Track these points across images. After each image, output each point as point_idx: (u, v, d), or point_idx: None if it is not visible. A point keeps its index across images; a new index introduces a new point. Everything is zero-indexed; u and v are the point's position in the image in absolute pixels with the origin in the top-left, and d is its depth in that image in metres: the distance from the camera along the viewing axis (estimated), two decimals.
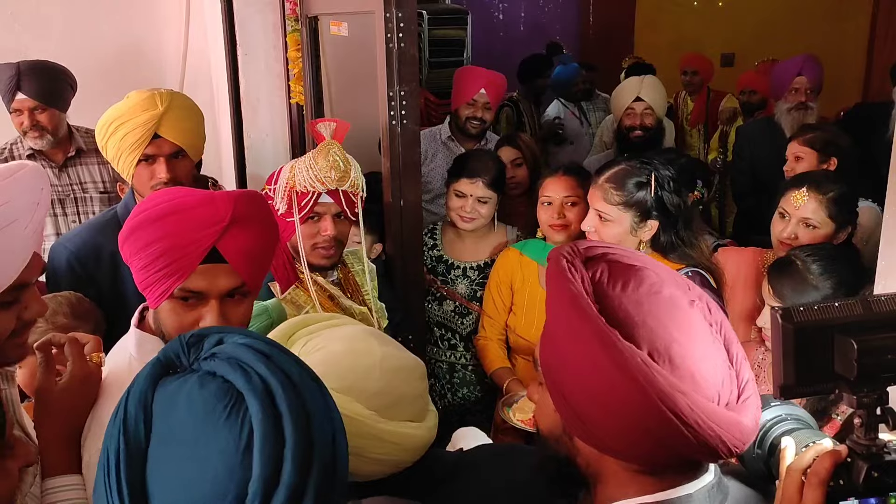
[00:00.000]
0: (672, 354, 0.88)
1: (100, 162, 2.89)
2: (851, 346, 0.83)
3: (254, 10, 3.11)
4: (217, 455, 0.77)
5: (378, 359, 1.16)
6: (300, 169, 1.96)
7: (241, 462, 0.77)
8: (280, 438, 0.79)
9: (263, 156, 3.26)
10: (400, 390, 1.16)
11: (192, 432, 0.78)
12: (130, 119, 1.96)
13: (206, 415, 0.79)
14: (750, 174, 3.86)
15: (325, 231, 1.98)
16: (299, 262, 2.04)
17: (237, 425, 0.78)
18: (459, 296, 2.76)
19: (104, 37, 3.21)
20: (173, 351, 0.86)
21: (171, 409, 0.80)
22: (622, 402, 0.86)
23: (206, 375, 0.82)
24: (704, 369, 0.89)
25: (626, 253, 1.00)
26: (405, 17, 2.26)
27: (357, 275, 2.18)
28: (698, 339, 0.91)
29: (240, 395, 0.80)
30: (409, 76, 2.31)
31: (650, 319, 0.90)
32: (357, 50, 2.99)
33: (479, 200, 2.65)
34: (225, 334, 0.88)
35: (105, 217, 2.14)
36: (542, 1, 7.73)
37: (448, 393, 2.84)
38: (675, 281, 0.97)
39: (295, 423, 0.80)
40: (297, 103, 3.14)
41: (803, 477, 0.92)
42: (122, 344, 1.43)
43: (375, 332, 1.25)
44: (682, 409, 0.84)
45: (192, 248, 1.29)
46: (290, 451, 0.79)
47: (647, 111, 3.51)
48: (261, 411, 0.79)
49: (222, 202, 1.31)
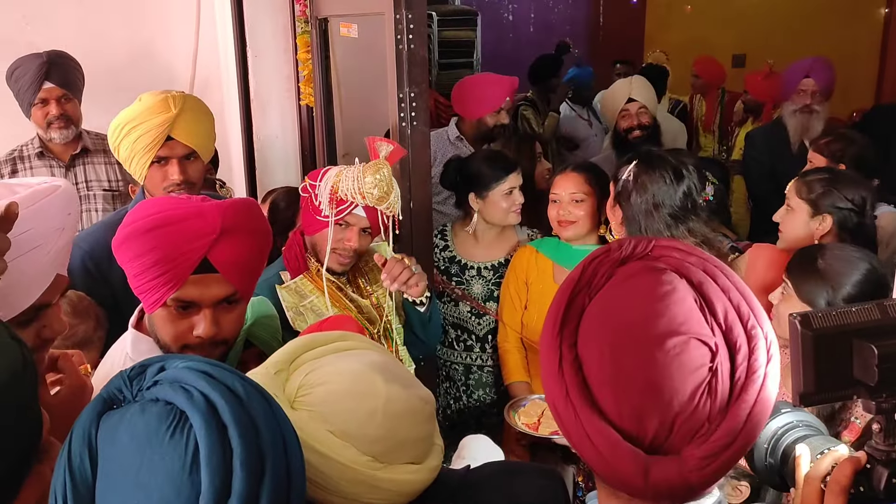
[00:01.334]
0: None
1: (106, 162, 2.91)
2: (872, 351, 0.81)
3: (264, 12, 3.11)
4: (162, 476, 0.77)
5: (382, 403, 1.09)
6: (346, 178, 1.99)
7: (189, 478, 0.77)
8: (227, 449, 0.79)
9: (273, 157, 3.26)
10: (402, 435, 1.11)
11: (135, 459, 0.78)
12: (144, 122, 1.98)
13: (148, 438, 0.78)
14: (758, 176, 3.84)
15: (349, 241, 2.03)
16: (310, 254, 2.09)
17: (181, 443, 0.78)
18: (473, 298, 2.75)
19: (115, 38, 3.22)
20: (115, 386, 0.85)
21: (113, 440, 0.80)
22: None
23: (148, 402, 0.82)
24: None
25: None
26: (415, 18, 2.26)
27: (370, 271, 2.20)
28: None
29: (182, 413, 0.80)
30: (419, 77, 2.30)
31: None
32: (366, 51, 2.99)
33: (520, 190, 2.69)
34: (167, 361, 0.88)
35: (117, 216, 2.14)
36: (552, 2, 7.72)
37: (463, 395, 2.83)
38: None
39: (241, 434, 0.79)
40: (307, 105, 3.14)
41: (823, 485, 0.91)
42: (120, 343, 1.45)
43: (385, 365, 1.17)
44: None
45: (183, 260, 1.30)
46: (239, 460, 0.78)
47: (641, 110, 3.53)
48: (204, 425, 0.78)
49: (211, 214, 1.32)
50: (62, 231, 1.17)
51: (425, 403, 1.17)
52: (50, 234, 1.14)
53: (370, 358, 1.16)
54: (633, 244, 0.91)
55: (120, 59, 3.21)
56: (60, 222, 1.17)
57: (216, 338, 1.36)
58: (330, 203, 1.99)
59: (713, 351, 0.82)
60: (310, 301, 2.06)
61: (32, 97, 2.71)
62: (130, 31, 3.26)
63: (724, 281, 0.87)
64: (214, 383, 0.83)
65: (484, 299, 2.75)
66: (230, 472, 0.78)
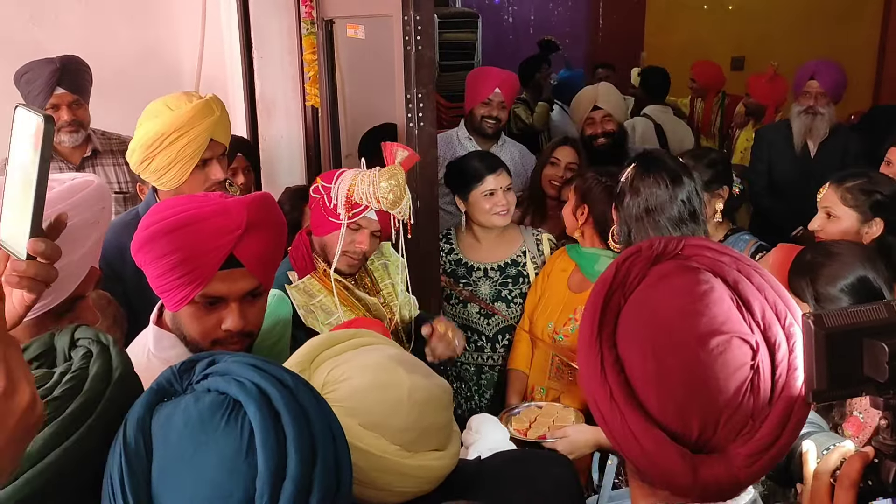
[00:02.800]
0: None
1: (115, 163, 2.93)
2: (883, 349, 0.84)
3: (270, 13, 3.13)
4: (216, 460, 0.79)
5: (406, 392, 1.13)
6: (362, 182, 2.03)
7: (245, 462, 0.79)
8: (281, 434, 0.81)
9: (278, 158, 3.28)
10: (427, 422, 1.15)
11: (190, 444, 0.80)
12: (193, 128, 2.01)
13: (203, 425, 0.81)
14: (766, 176, 3.87)
15: (360, 244, 2.07)
16: (317, 254, 2.12)
17: (236, 429, 0.81)
18: (481, 300, 2.77)
19: (122, 38, 3.24)
20: (165, 379, 0.88)
21: (168, 428, 0.82)
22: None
23: (201, 393, 0.85)
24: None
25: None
26: (423, 20, 2.28)
27: (376, 270, 2.24)
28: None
29: (236, 402, 0.82)
30: (426, 79, 2.33)
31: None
32: (372, 53, 3.01)
33: (507, 189, 2.69)
34: (216, 356, 0.90)
35: (128, 217, 2.17)
36: (552, 4, 7.74)
37: (475, 395, 2.84)
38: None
39: (294, 420, 0.82)
40: (313, 106, 3.16)
41: (832, 479, 0.93)
42: (141, 340, 1.46)
43: (402, 357, 1.22)
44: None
45: (210, 257, 1.32)
46: (293, 445, 0.81)
47: (606, 118, 3.59)
48: (258, 412, 0.81)
49: (237, 210, 1.34)
50: (96, 224, 1.20)
51: (444, 391, 1.21)
52: (85, 228, 1.17)
53: (388, 352, 1.21)
54: (664, 243, 0.93)
55: (126, 59, 3.23)
56: (94, 216, 1.20)
57: (244, 330, 1.39)
58: (346, 206, 2.02)
59: (754, 349, 0.83)
60: (318, 300, 2.09)
61: (44, 102, 2.71)
62: (137, 32, 3.28)
63: (759, 280, 0.88)
64: (265, 374, 0.85)
65: (492, 300, 2.77)
66: (285, 456, 0.80)
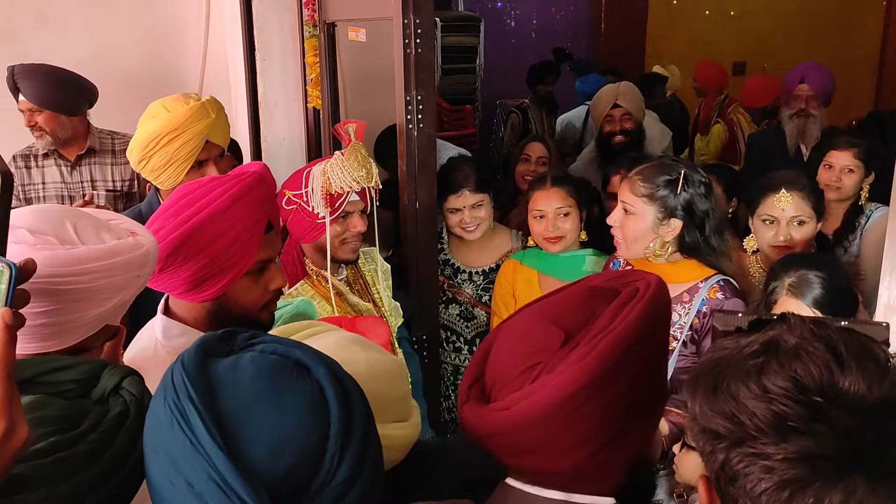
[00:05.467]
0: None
1: (112, 163, 2.97)
2: None
3: (272, 17, 3.16)
4: (298, 399, 0.82)
5: (364, 366, 1.18)
6: (334, 171, 2.01)
7: (321, 406, 0.83)
8: (346, 394, 0.86)
9: (280, 159, 3.31)
10: (386, 394, 1.20)
11: (268, 383, 0.82)
12: (187, 129, 2.06)
13: (276, 373, 0.83)
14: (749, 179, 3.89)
15: (355, 227, 2.07)
16: (309, 259, 2.12)
17: (308, 383, 0.84)
18: (468, 296, 2.80)
19: (126, 40, 3.27)
20: (210, 341, 0.89)
21: (236, 371, 0.83)
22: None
23: (262, 353, 0.87)
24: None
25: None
26: (423, 23, 2.31)
27: (368, 273, 2.25)
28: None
29: (300, 364, 0.86)
30: (425, 81, 2.35)
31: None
32: (373, 55, 3.04)
33: (472, 207, 2.65)
34: (255, 332, 0.92)
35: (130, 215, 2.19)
36: (554, 8, 7.78)
37: (452, 394, 2.88)
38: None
39: (351, 386, 0.88)
40: (314, 108, 3.18)
41: None
42: (148, 329, 1.49)
43: (356, 338, 1.28)
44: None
45: (257, 228, 1.40)
46: (358, 403, 0.86)
47: (625, 116, 3.64)
48: (327, 373, 0.85)
49: (266, 175, 1.44)
50: (123, 290, 1.13)
51: (399, 365, 1.29)
52: (109, 291, 1.10)
53: (343, 334, 1.28)
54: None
55: (131, 60, 3.26)
56: (126, 282, 1.12)
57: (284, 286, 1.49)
58: (325, 203, 2.01)
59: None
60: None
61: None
62: (141, 34, 3.31)
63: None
64: (313, 351, 0.90)
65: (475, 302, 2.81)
66: (350, 413, 0.85)
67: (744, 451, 0.70)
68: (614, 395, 0.96)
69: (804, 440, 0.67)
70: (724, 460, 0.72)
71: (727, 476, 0.72)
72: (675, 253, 2.10)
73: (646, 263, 2.11)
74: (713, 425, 0.73)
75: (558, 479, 1.02)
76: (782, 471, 0.67)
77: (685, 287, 2.08)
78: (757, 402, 0.70)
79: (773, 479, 0.68)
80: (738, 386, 0.72)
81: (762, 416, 0.69)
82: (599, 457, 0.98)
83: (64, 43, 3.02)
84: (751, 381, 0.71)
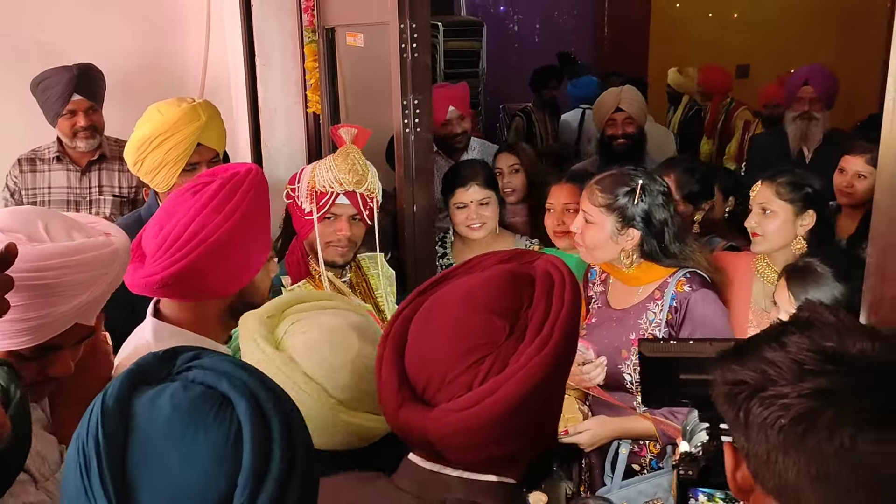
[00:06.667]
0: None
1: (120, 169, 2.98)
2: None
3: (272, 22, 3.18)
4: (205, 446, 0.78)
5: (352, 357, 1.23)
6: (321, 169, 2.06)
7: (232, 453, 0.78)
8: (268, 433, 0.80)
9: (280, 164, 3.32)
10: (366, 388, 1.22)
11: (179, 426, 0.78)
12: (177, 132, 2.08)
13: (192, 412, 0.79)
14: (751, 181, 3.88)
15: (339, 231, 2.09)
16: (313, 258, 2.14)
17: (225, 422, 0.79)
18: None
19: (127, 44, 3.28)
20: (147, 363, 0.87)
21: (153, 409, 0.80)
22: None
23: (189, 383, 0.83)
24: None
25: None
26: (419, 27, 2.32)
27: (372, 278, 2.26)
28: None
29: (225, 397, 0.81)
30: (422, 85, 2.37)
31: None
32: (372, 60, 3.05)
33: (479, 204, 2.67)
34: (201, 351, 0.89)
35: (130, 219, 2.23)
36: (557, 13, 7.79)
37: None
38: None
39: (280, 423, 0.82)
40: (314, 112, 3.20)
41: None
42: (139, 332, 1.52)
43: (360, 325, 1.30)
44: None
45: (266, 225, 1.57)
46: (278, 446, 0.80)
47: (627, 120, 3.62)
48: (248, 409, 0.80)
49: (257, 175, 1.59)
50: (93, 285, 1.14)
51: None
52: (78, 287, 1.11)
53: (350, 318, 1.31)
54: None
55: (131, 65, 3.27)
56: (94, 278, 1.13)
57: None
58: (309, 199, 2.05)
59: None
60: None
61: (61, 108, 2.78)
62: (142, 39, 3.32)
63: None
64: (252, 375, 0.85)
65: None
66: (269, 455, 0.79)
67: (766, 394, 0.80)
68: (562, 380, 1.01)
69: (819, 379, 0.78)
70: (747, 410, 0.82)
71: (749, 426, 0.82)
72: (639, 258, 2.13)
73: (615, 269, 2.18)
74: (740, 376, 0.84)
75: (483, 466, 0.98)
76: (798, 405, 0.77)
77: (655, 285, 2.13)
78: (777, 353, 0.82)
79: (790, 414, 0.77)
80: (762, 347, 0.85)
81: (782, 363, 0.81)
82: (535, 441, 1.00)
83: (63, 47, 3.03)
84: (773, 342, 0.84)
